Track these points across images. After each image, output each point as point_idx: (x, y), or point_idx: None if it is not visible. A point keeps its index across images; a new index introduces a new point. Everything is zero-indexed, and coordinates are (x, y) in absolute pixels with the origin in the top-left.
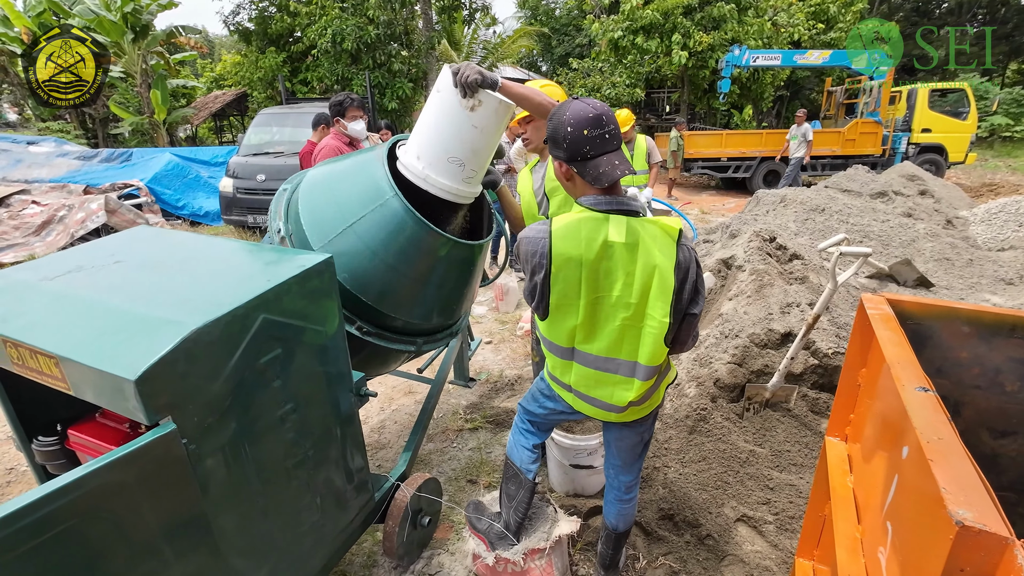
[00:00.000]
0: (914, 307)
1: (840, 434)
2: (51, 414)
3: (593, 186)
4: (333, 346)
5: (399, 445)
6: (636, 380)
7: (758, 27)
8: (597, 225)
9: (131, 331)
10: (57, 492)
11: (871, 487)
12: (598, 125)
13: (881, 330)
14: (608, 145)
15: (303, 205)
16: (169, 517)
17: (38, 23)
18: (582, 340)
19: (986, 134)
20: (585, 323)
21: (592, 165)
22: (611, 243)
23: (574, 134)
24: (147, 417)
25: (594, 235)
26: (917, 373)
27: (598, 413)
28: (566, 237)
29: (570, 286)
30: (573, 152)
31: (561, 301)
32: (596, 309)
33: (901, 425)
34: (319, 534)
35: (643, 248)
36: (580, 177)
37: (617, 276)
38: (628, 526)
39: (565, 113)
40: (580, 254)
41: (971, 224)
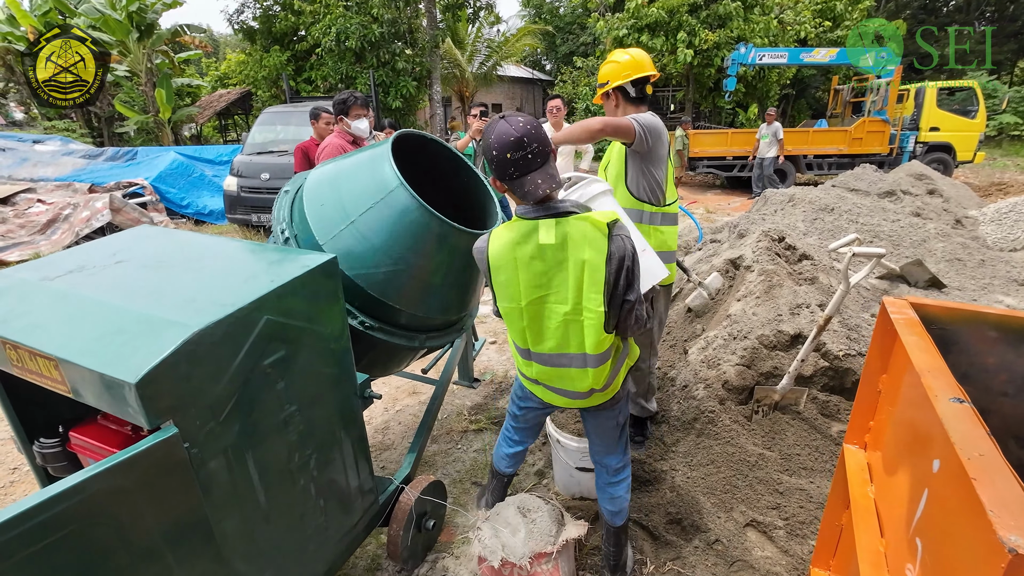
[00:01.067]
0: (939, 311)
1: (859, 442)
2: (54, 414)
3: (523, 201)
4: (337, 347)
5: (403, 446)
6: (589, 369)
7: (764, 25)
8: (528, 231)
9: (132, 332)
10: (56, 497)
11: (895, 499)
12: (519, 147)
13: (907, 336)
14: (531, 165)
15: (308, 203)
16: (171, 521)
17: (44, 22)
18: (533, 342)
19: (994, 133)
20: (531, 325)
21: (518, 184)
22: (543, 246)
23: (499, 157)
24: (148, 421)
25: (525, 240)
26: (950, 382)
27: (566, 402)
28: (499, 245)
29: (510, 289)
30: (500, 173)
31: (505, 304)
32: (538, 311)
33: (932, 437)
34: (323, 538)
35: (572, 246)
36: (511, 191)
37: (551, 275)
38: (625, 518)
39: (491, 136)
40: (513, 258)
41: (981, 224)
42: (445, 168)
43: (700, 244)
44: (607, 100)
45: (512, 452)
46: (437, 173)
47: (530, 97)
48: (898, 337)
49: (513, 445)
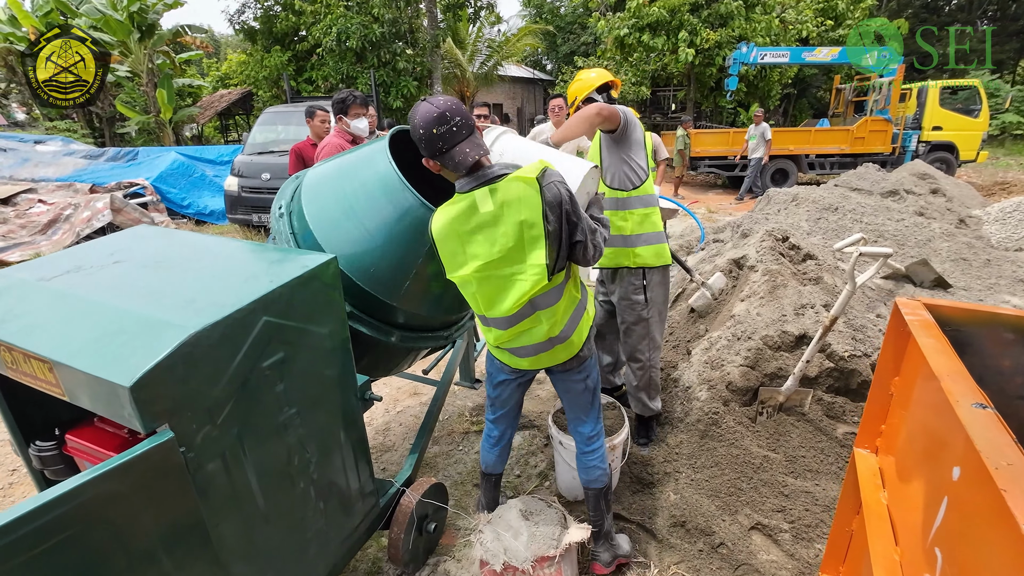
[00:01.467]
0: (953, 312)
1: (870, 446)
2: (52, 415)
3: (456, 172)
4: (337, 348)
5: (405, 447)
6: (540, 312)
7: (766, 24)
8: (469, 204)
9: (128, 334)
10: (51, 503)
11: (911, 506)
12: (443, 122)
13: (923, 338)
14: (457, 136)
15: (307, 203)
16: (168, 527)
17: (45, 23)
18: (486, 306)
19: (997, 132)
20: (480, 290)
21: (448, 158)
22: (482, 215)
23: (426, 134)
24: (143, 425)
25: (466, 213)
26: (971, 387)
27: (532, 362)
28: (441, 222)
29: (456, 259)
30: (430, 150)
31: (453, 273)
32: (485, 276)
33: (952, 443)
34: (323, 541)
35: (509, 208)
36: (445, 168)
37: (494, 241)
38: (603, 484)
39: (415, 117)
40: (455, 232)
41: (985, 223)
42: None
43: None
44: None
45: (495, 448)
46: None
47: (531, 97)
48: (911, 339)
49: (495, 442)
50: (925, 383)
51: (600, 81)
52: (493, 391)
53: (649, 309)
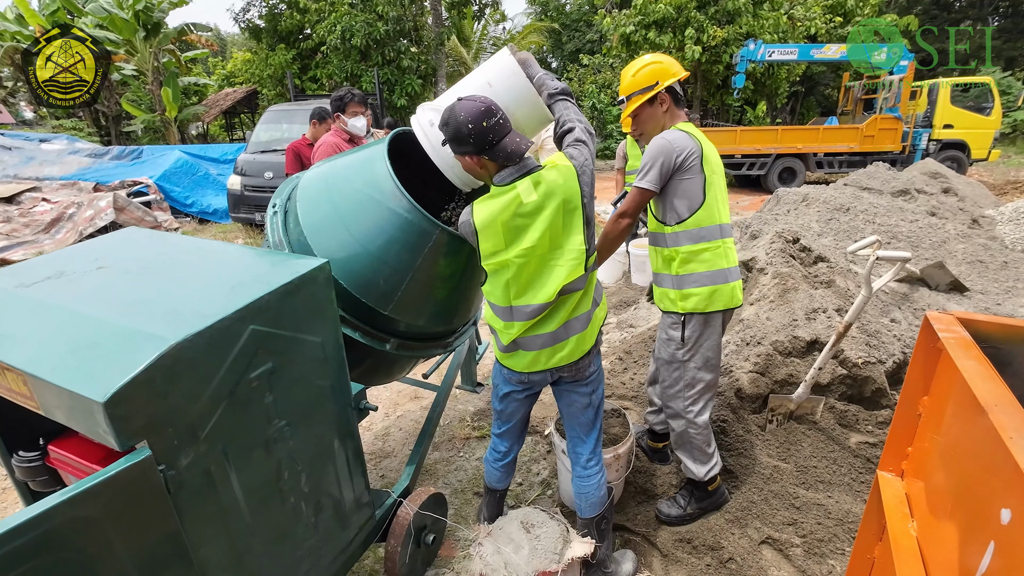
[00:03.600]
0: (991, 328)
1: (895, 469)
2: (37, 425)
3: (507, 164)
4: (330, 358)
5: (404, 454)
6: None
7: (773, 21)
8: (512, 195)
9: (106, 346)
10: (13, 531)
11: (946, 544)
12: (491, 115)
13: (963, 360)
14: (505, 128)
15: (302, 207)
16: (146, 551)
17: (51, 21)
18: (516, 294)
19: (1009, 130)
20: (516, 276)
21: (500, 148)
22: (526, 204)
23: (476, 128)
24: (119, 443)
25: (509, 205)
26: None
27: (544, 358)
28: (485, 213)
29: (496, 248)
30: (481, 143)
31: (490, 261)
32: (525, 262)
33: (1000, 482)
34: (315, 557)
35: (551, 194)
36: (492, 162)
37: (538, 228)
38: (597, 511)
39: (460, 115)
40: (500, 222)
41: (998, 224)
42: None
43: None
44: (651, 106)
45: (501, 463)
46: (436, 173)
47: None
48: (944, 357)
49: (501, 457)
50: (965, 410)
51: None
52: (499, 404)
53: (687, 351)
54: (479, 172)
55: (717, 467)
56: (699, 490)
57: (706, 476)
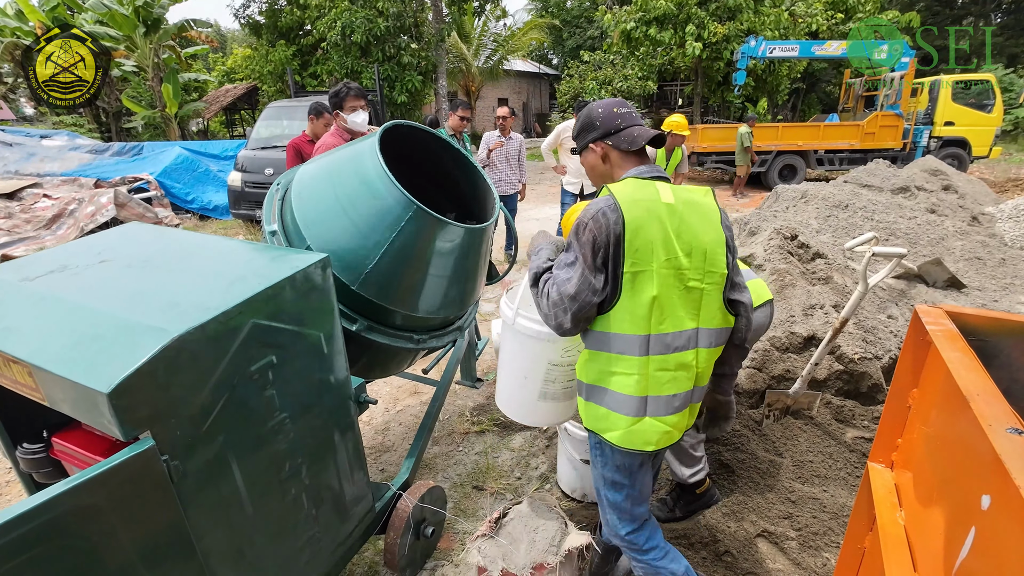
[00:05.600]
0: (978, 321)
1: (885, 460)
2: (41, 418)
3: (629, 151)
4: (330, 351)
5: (403, 448)
6: (701, 350)
7: (775, 17)
8: (650, 189)
9: (110, 338)
10: (19, 518)
11: (932, 531)
12: (624, 106)
13: (948, 351)
14: (635, 120)
15: (296, 201)
16: (149, 539)
17: (52, 17)
18: (657, 319)
19: (1010, 127)
20: (662, 293)
21: (626, 133)
22: (664, 203)
23: (605, 114)
24: (123, 433)
25: (652, 196)
26: (1005, 410)
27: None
28: (634, 202)
29: (643, 252)
30: (607, 127)
31: (634, 269)
32: (669, 274)
33: (981, 470)
34: (316, 548)
35: (690, 208)
36: (615, 150)
37: (679, 234)
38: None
39: (593, 106)
40: (650, 216)
41: (998, 221)
42: (440, 159)
43: None
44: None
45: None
46: (432, 165)
47: (536, 91)
48: (932, 350)
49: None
50: (950, 400)
51: None
52: (634, 490)
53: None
54: (601, 168)
55: (703, 472)
56: (687, 493)
57: (689, 479)
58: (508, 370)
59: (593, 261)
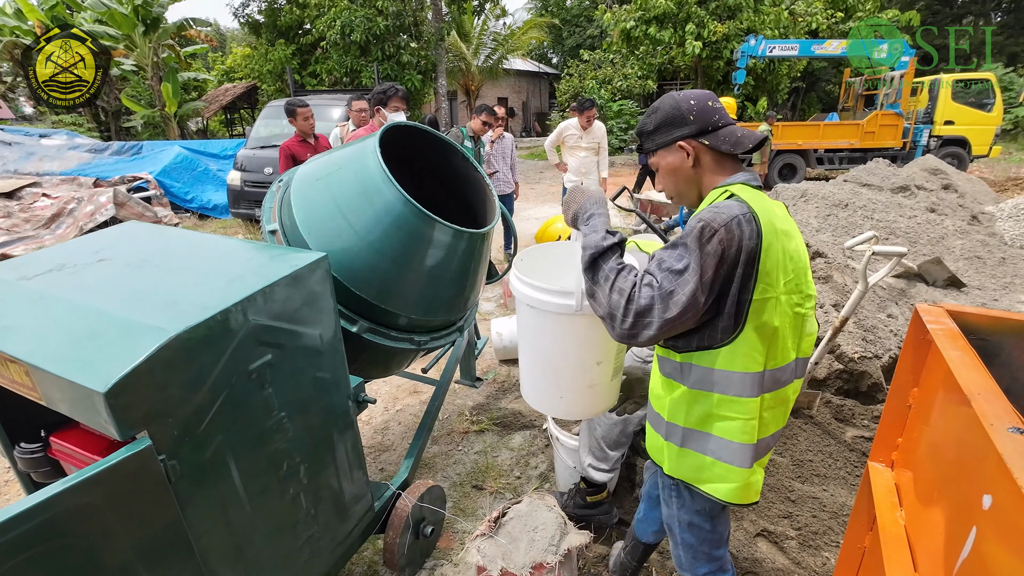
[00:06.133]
0: (979, 320)
1: (886, 460)
2: (39, 417)
3: (732, 153)
4: (329, 350)
5: (403, 447)
6: (797, 381)
7: (775, 16)
8: (766, 199)
9: (107, 337)
10: (15, 519)
11: (932, 531)
12: (716, 99)
13: (949, 350)
14: (730, 118)
15: (296, 201)
16: (147, 539)
17: (51, 16)
18: (773, 353)
19: (1010, 126)
20: (784, 323)
21: (726, 132)
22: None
23: (699, 105)
24: (119, 432)
25: (771, 208)
26: (1006, 408)
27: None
28: (764, 210)
29: (772, 275)
30: (704, 123)
31: (762, 296)
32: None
33: (982, 469)
34: (314, 547)
35: (787, 221)
36: (712, 151)
37: (791, 257)
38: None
39: (679, 96)
40: (774, 229)
41: (997, 220)
42: (442, 161)
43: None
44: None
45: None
46: (434, 166)
47: (536, 91)
48: (933, 349)
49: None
50: (951, 400)
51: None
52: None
53: None
54: (686, 172)
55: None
56: (579, 495)
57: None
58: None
59: (713, 277)
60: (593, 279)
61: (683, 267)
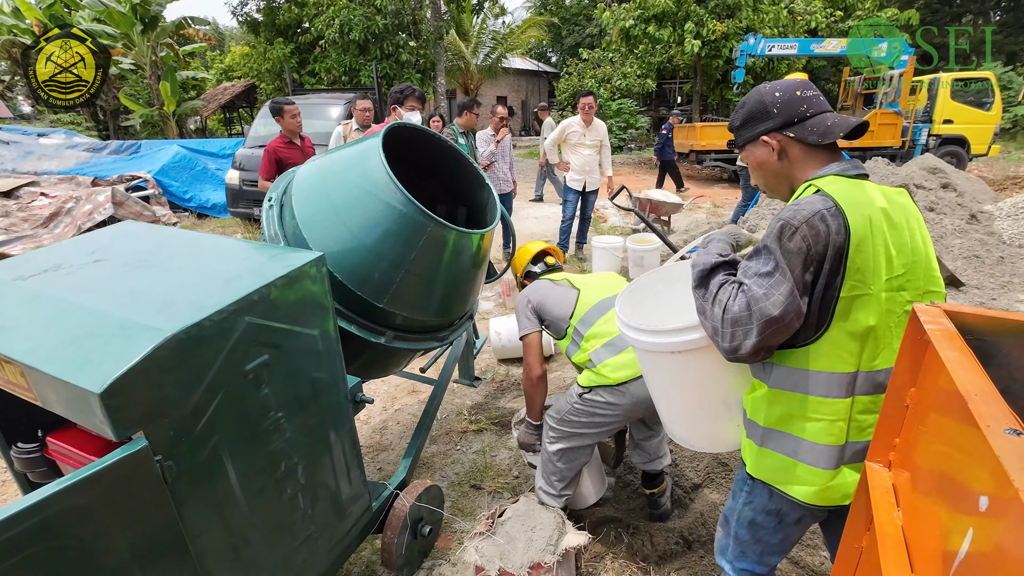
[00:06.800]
0: (977, 320)
1: (883, 460)
2: (36, 417)
3: (821, 144)
4: (326, 350)
5: (401, 447)
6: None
7: (774, 15)
8: (863, 190)
9: (103, 337)
10: (10, 519)
11: (929, 532)
12: (809, 87)
13: (946, 351)
14: (825, 105)
15: (297, 201)
16: (143, 540)
17: (49, 15)
18: (871, 354)
19: (1009, 125)
20: (881, 322)
21: (815, 121)
22: (883, 209)
23: (785, 96)
24: (115, 433)
25: (869, 200)
26: (1003, 410)
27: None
28: (854, 203)
29: (864, 272)
30: (789, 114)
31: (856, 292)
32: (891, 299)
33: (979, 471)
34: (312, 547)
35: (901, 211)
36: (799, 143)
37: (901, 250)
38: None
39: (765, 88)
40: (869, 220)
41: (996, 219)
42: (442, 162)
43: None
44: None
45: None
46: (434, 167)
47: (535, 89)
48: (931, 349)
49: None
50: (948, 400)
51: (532, 252)
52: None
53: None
54: (774, 166)
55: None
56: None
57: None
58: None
59: (802, 276)
60: (703, 296)
61: (771, 269)
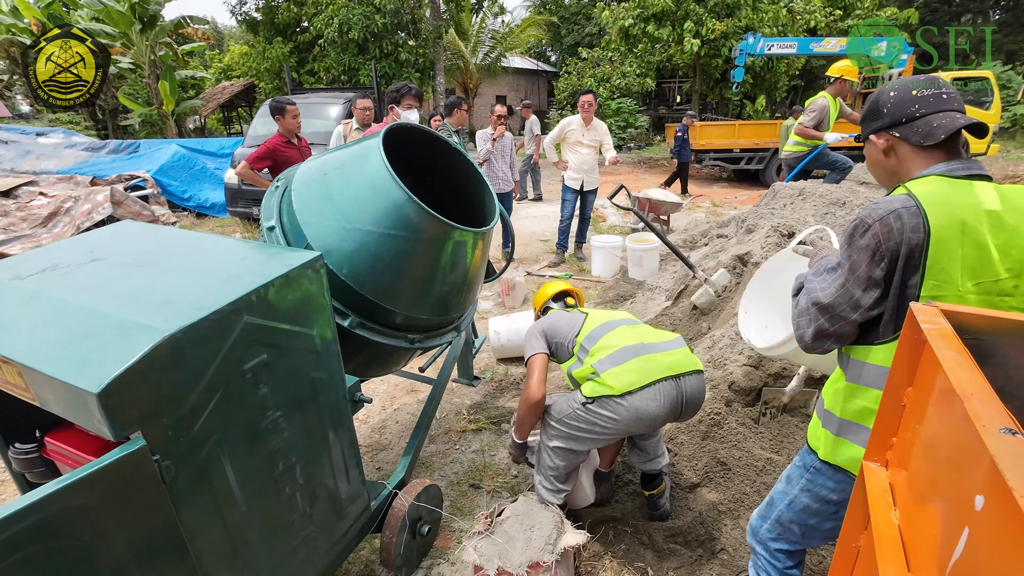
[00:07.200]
0: (974, 319)
1: (880, 459)
2: (34, 417)
3: (924, 145)
4: (324, 349)
5: (400, 446)
6: None
7: (773, 14)
8: (965, 191)
9: (101, 337)
10: (8, 519)
11: (925, 531)
12: (932, 85)
13: (943, 351)
14: (946, 104)
15: (297, 198)
16: (141, 540)
17: (47, 14)
18: None
19: (1008, 124)
20: None
21: (922, 123)
22: (991, 212)
23: (898, 96)
24: (113, 433)
25: (969, 201)
26: (999, 409)
27: None
28: (942, 203)
29: (949, 271)
30: (897, 114)
31: (937, 293)
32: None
33: (975, 470)
34: (311, 547)
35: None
36: (905, 143)
37: (1008, 253)
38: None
39: (885, 87)
40: (962, 223)
41: None
42: (441, 160)
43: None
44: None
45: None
46: (433, 166)
47: (535, 88)
48: (927, 349)
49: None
50: (944, 400)
51: (555, 291)
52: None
53: None
54: (885, 164)
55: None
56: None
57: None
58: None
59: (867, 272)
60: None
61: (835, 265)
